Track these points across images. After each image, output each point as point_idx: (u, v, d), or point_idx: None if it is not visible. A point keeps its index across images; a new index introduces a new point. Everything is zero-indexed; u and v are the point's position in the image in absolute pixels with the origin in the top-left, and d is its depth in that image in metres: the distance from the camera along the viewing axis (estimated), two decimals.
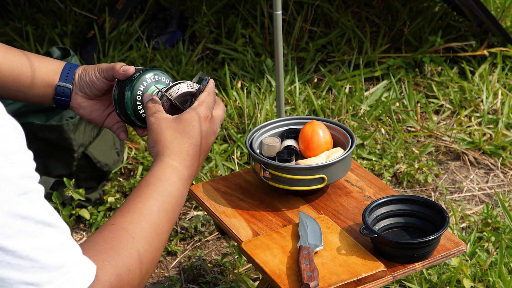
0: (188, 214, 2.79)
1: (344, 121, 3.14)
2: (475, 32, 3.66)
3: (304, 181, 1.97)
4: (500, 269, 2.41)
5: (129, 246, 1.36)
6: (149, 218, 1.42)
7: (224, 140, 3.09)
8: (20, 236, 1.17)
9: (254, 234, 1.92)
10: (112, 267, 1.32)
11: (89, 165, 2.74)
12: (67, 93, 1.77)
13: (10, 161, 1.16)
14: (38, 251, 1.18)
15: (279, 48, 2.58)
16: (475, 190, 2.91)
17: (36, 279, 1.19)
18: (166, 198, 1.47)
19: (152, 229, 1.41)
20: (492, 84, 3.36)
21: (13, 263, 1.17)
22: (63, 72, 1.77)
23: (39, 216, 1.19)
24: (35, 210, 1.19)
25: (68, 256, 1.23)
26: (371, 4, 3.90)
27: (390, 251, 1.82)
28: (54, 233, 1.21)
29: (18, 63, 1.74)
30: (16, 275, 1.17)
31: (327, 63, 3.61)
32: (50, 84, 1.76)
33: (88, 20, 3.81)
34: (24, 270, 1.18)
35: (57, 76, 1.77)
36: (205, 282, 2.51)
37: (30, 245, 1.18)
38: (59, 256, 1.21)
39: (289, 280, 1.76)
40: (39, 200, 1.20)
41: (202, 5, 3.82)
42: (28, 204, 1.18)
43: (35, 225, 1.18)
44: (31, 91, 1.76)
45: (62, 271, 1.21)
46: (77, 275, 1.24)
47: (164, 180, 1.48)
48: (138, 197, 1.45)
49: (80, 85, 1.77)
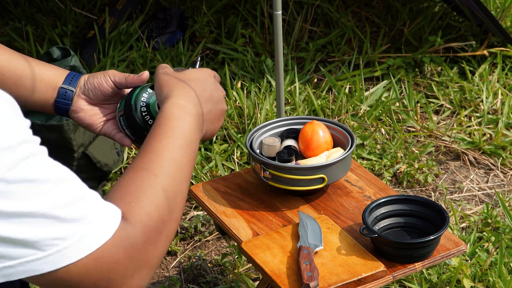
0: (188, 214, 2.79)
1: (344, 121, 3.14)
2: (475, 32, 3.66)
3: (304, 181, 1.97)
4: (500, 269, 2.41)
5: (153, 183, 1.36)
6: (167, 155, 1.43)
7: (224, 140, 3.09)
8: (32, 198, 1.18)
9: (254, 234, 1.92)
10: (139, 206, 1.32)
11: (89, 165, 2.74)
12: (69, 96, 1.76)
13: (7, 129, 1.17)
14: (55, 208, 1.20)
15: (279, 48, 2.58)
16: (475, 190, 2.91)
17: (59, 233, 1.20)
18: (180, 134, 1.48)
19: (172, 164, 1.42)
20: (492, 84, 3.36)
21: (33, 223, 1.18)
22: (67, 77, 1.77)
23: (47, 175, 1.20)
24: (41, 171, 1.20)
25: (88, 206, 1.24)
26: (371, 4, 3.90)
27: (390, 251, 1.82)
28: (67, 187, 1.22)
29: (21, 66, 1.74)
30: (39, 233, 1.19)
31: (327, 63, 3.61)
32: (53, 87, 1.76)
33: (88, 20, 3.81)
34: (46, 227, 1.19)
35: (60, 79, 1.77)
36: (205, 282, 2.51)
37: (46, 204, 1.19)
38: (79, 207, 1.23)
39: (289, 280, 1.76)
40: (44, 160, 1.21)
41: (202, 5, 3.82)
42: (33, 167, 1.19)
43: (45, 185, 1.20)
44: (32, 94, 1.75)
45: (85, 220, 1.23)
46: (102, 221, 1.25)
47: (174, 118, 1.50)
48: (152, 138, 1.46)
49: (86, 88, 1.77)
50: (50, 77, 1.76)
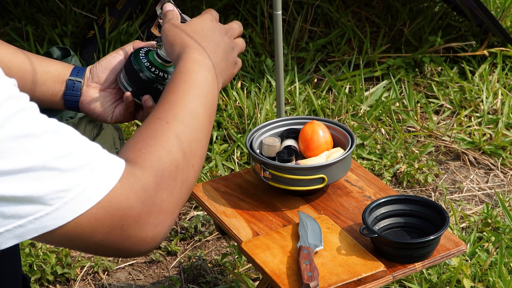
0: (188, 214, 2.79)
1: (344, 121, 3.14)
2: (475, 32, 3.66)
3: (304, 181, 1.97)
4: (500, 269, 2.41)
5: (164, 130, 1.35)
6: (181, 105, 1.42)
7: (224, 140, 3.09)
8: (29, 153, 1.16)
9: (254, 234, 1.92)
10: (149, 152, 1.30)
11: None
12: (77, 87, 1.75)
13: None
14: (54, 160, 1.18)
15: (279, 48, 2.58)
16: (475, 190, 2.91)
17: (63, 185, 1.18)
18: (195, 85, 1.47)
19: (187, 113, 1.41)
20: (492, 84, 3.36)
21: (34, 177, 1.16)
22: (73, 70, 1.77)
23: (40, 129, 1.19)
24: (33, 124, 1.19)
25: (88, 154, 1.22)
26: (371, 4, 3.90)
27: (390, 251, 1.82)
28: (64, 138, 1.21)
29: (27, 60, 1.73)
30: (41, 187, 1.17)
31: (327, 63, 3.61)
32: (60, 80, 1.75)
33: (88, 20, 3.81)
34: (48, 180, 1.17)
35: (67, 73, 1.76)
36: (205, 282, 2.51)
37: (43, 156, 1.17)
38: (79, 157, 1.21)
39: (289, 280, 1.76)
40: (35, 114, 1.20)
41: (202, 5, 3.82)
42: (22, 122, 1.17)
43: (39, 138, 1.18)
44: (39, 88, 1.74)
45: (88, 168, 1.21)
46: (106, 168, 1.23)
47: (188, 72, 1.49)
48: (167, 92, 1.45)
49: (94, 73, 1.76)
50: (57, 70, 1.76)
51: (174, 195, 1.30)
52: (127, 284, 2.55)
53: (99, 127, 2.81)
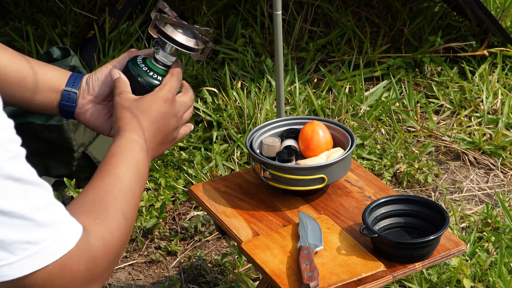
0: (188, 214, 2.79)
1: (344, 121, 3.14)
2: (475, 32, 3.66)
3: (304, 181, 1.97)
4: (500, 269, 2.41)
5: (114, 205, 1.44)
6: (124, 181, 1.51)
7: (224, 140, 3.09)
8: (15, 197, 1.19)
9: (254, 234, 1.92)
10: (104, 224, 1.38)
11: (89, 165, 2.74)
12: (73, 99, 1.76)
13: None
14: (32, 210, 1.21)
15: (279, 48, 2.58)
16: (475, 190, 2.91)
17: (32, 237, 1.22)
18: (134, 164, 1.57)
19: (129, 191, 1.51)
20: (492, 84, 3.36)
21: (11, 223, 1.19)
22: (69, 79, 1.77)
23: (28, 177, 1.22)
24: (25, 172, 1.22)
25: (57, 213, 1.27)
26: (371, 4, 3.90)
27: (390, 251, 1.82)
28: (41, 192, 1.24)
29: (24, 66, 1.73)
30: (14, 234, 1.20)
31: (327, 63, 3.61)
32: (56, 90, 1.76)
33: (88, 20, 3.81)
34: (21, 229, 1.20)
35: (63, 82, 1.76)
36: (205, 282, 2.51)
37: (25, 205, 1.20)
38: (50, 214, 1.25)
39: (289, 280, 1.76)
40: (25, 162, 1.23)
41: (202, 5, 3.82)
42: (19, 166, 1.21)
43: (26, 186, 1.21)
44: (35, 95, 1.74)
45: (54, 227, 1.25)
46: (68, 229, 1.28)
47: (128, 150, 1.59)
48: (109, 164, 1.55)
49: (90, 85, 1.77)
50: (52, 78, 1.76)
51: (111, 267, 1.39)
52: (127, 284, 2.54)
53: None
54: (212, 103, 3.22)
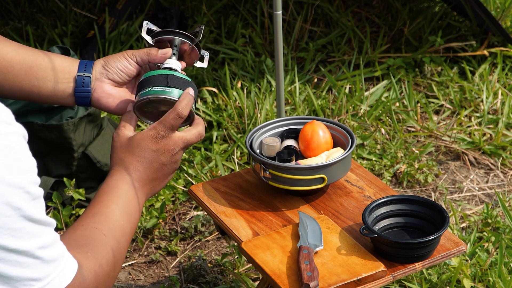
0: (188, 214, 2.79)
1: (344, 121, 3.14)
2: (475, 32, 3.66)
3: (304, 181, 1.97)
4: (500, 269, 2.41)
5: (103, 241, 1.50)
6: (114, 219, 1.56)
7: (224, 140, 3.09)
8: (29, 238, 1.25)
9: (254, 234, 1.92)
10: (94, 257, 1.44)
11: (89, 165, 2.74)
12: (87, 83, 1.73)
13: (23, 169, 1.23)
14: (41, 249, 1.27)
15: (279, 48, 2.58)
16: (475, 190, 2.91)
17: (39, 274, 1.28)
18: (125, 203, 1.61)
19: (118, 228, 1.56)
20: (492, 84, 3.36)
21: (21, 262, 1.25)
22: (80, 65, 1.75)
23: (43, 218, 1.27)
24: (41, 212, 1.27)
25: (58, 250, 1.32)
26: (371, 4, 3.90)
27: (390, 251, 1.82)
28: (49, 230, 1.30)
29: (30, 56, 1.71)
30: (23, 272, 1.25)
31: (327, 63, 3.61)
32: (67, 77, 1.73)
33: (88, 20, 3.81)
34: (30, 267, 1.26)
35: (73, 68, 1.74)
36: (205, 282, 2.51)
37: (36, 244, 1.26)
38: (55, 251, 1.31)
39: (289, 280, 1.76)
40: (42, 202, 1.28)
41: (202, 5, 3.82)
42: (37, 208, 1.26)
43: (40, 226, 1.27)
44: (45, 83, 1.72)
45: (56, 264, 1.31)
46: (66, 266, 1.34)
47: (119, 188, 1.62)
48: (100, 203, 1.59)
49: (110, 72, 1.75)
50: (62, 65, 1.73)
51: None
52: (127, 284, 2.54)
53: (99, 127, 2.81)
54: (212, 103, 3.22)
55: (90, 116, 2.71)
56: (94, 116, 2.74)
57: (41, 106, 2.63)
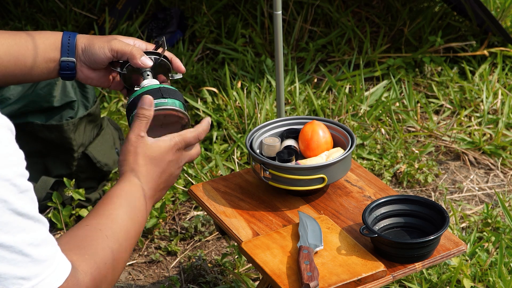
0: (188, 214, 2.79)
1: (344, 121, 3.14)
2: (475, 32, 3.66)
3: (304, 181, 1.97)
4: (500, 269, 2.41)
5: (104, 243, 1.48)
6: (119, 223, 1.55)
7: (224, 140, 3.09)
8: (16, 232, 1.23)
9: (254, 234, 1.92)
10: (92, 259, 1.43)
11: (89, 165, 2.74)
12: (71, 67, 1.81)
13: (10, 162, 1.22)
14: (30, 247, 1.25)
15: (279, 48, 2.58)
16: (475, 190, 2.91)
17: (27, 273, 1.26)
18: (133, 209, 1.60)
19: (123, 232, 1.54)
20: (492, 84, 3.36)
21: (8, 258, 1.23)
22: (63, 46, 1.81)
23: (31, 212, 1.26)
24: (29, 207, 1.25)
25: (50, 250, 1.30)
26: (371, 4, 3.90)
27: (390, 251, 1.82)
28: (40, 227, 1.28)
29: (14, 45, 1.77)
30: (10, 269, 1.24)
31: (327, 63, 3.61)
32: (52, 60, 1.80)
33: (88, 20, 3.81)
34: (18, 265, 1.24)
35: (57, 52, 1.80)
36: (205, 282, 2.51)
37: (24, 240, 1.24)
38: (45, 250, 1.29)
39: (289, 280, 1.76)
40: (32, 196, 1.27)
41: (202, 5, 3.82)
42: (25, 201, 1.24)
43: (28, 221, 1.25)
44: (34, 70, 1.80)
45: (46, 264, 1.29)
46: (58, 267, 1.32)
47: (131, 194, 1.62)
48: (108, 205, 1.58)
49: (85, 60, 1.82)
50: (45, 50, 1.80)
51: None
52: (127, 284, 2.54)
53: (99, 127, 2.81)
54: (212, 103, 3.22)
55: (90, 116, 2.71)
56: (94, 116, 2.74)
57: (41, 106, 2.63)
